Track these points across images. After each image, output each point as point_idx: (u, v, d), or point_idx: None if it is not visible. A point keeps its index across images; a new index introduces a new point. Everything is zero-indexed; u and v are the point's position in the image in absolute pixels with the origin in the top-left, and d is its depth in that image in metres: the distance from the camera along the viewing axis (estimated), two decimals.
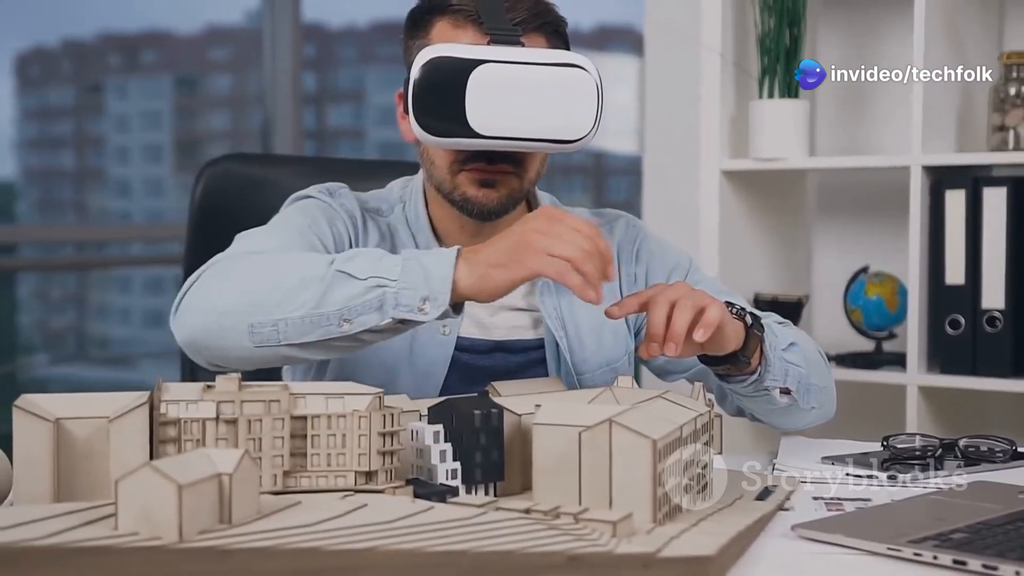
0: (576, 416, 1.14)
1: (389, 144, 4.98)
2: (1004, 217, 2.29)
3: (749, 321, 1.44)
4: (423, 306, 1.28)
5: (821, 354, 1.63)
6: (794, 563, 1.09)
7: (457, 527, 1.02)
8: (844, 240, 2.75)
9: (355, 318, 1.29)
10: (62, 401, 1.10)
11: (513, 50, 1.41)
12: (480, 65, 1.38)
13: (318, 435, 1.13)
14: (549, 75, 1.40)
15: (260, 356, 1.34)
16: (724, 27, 2.54)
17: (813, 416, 1.59)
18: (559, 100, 1.41)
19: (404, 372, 1.56)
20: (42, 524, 0.97)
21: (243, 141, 4.75)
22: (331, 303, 1.30)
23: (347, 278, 1.30)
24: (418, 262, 1.30)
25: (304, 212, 1.58)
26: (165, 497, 0.95)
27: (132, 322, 5.04)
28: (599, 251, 1.29)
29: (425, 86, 1.39)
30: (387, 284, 1.29)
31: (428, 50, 1.40)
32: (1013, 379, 2.30)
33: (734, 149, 2.58)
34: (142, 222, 4.92)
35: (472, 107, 1.39)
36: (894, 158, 2.43)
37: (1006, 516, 1.17)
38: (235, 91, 4.82)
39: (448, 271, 1.28)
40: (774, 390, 1.49)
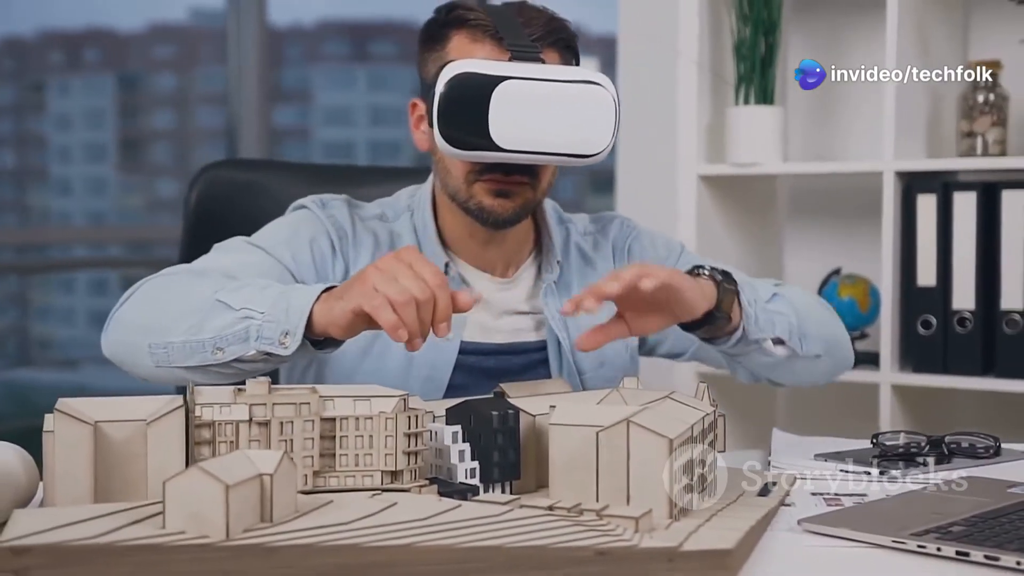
0: (591, 416, 1.19)
1: (335, 144, 4.99)
2: (974, 221, 2.36)
3: (719, 278, 1.47)
4: (284, 339, 1.32)
5: (822, 305, 1.65)
6: (803, 556, 1.14)
7: (487, 524, 1.06)
8: (816, 243, 2.82)
9: (226, 347, 1.35)
10: (98, 404, 1.13)
11: (534, 67, 1.46)
12: (504, 81, 1.43)
13: (346, 436, 1.17)
14: (569, 91, 1.45)
15: (161, 375, 1.41)
16: (701, 35, 2.60)
17: (825, 365, 1.61)
18: (578, 115, 1.45)
19: (409, 375, 1.60)
20: (91, 524, 1.00)
21: (190, 140, 4.74)
22: (207, 331, 1.36)
23: (224, 308, 1.36)
24: (287, 297, 1.34)
25: (288, 227, 1.63)
26: (213, 497, 0.98)
27: (76, 324, 5.02)
28: (432, 301, 1.27)
29: (450, 101, 1.43)
30: (254, 316, 1.34)
31: (453, 66, 1.44)
32: (982, 377, 2.37)
33: (711, 154, 2.64)
34: (84, 222, 4.89)
35: (495, 122, 1.43)
36: (868, 163, 2.50)
37: (999, 509, 1.23)
38: (180, 90, 4.81)
39: (306, 305, 1.32)
40: (765, 342, 1.51)
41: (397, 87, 5.14)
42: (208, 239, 1.95)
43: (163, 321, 1.39)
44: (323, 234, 1.61)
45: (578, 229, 1.72)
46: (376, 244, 1.63)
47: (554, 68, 1.48)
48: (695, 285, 1.43)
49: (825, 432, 1.69)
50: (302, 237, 1.60)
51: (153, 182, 4.89)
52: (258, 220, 1.95)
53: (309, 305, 1.31)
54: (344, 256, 1.61)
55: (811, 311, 1.60)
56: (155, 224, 4.64)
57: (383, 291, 1.25)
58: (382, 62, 5.10)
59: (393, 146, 5.14)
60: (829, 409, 2.64)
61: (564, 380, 1.51)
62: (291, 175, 2.05)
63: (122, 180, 4.87)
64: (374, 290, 1.26)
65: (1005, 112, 2.44)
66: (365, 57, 5.04)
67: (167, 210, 4.70)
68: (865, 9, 2.69)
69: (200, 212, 1.97)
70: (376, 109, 5.06)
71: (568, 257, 1.68)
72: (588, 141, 1.47)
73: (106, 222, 4.88)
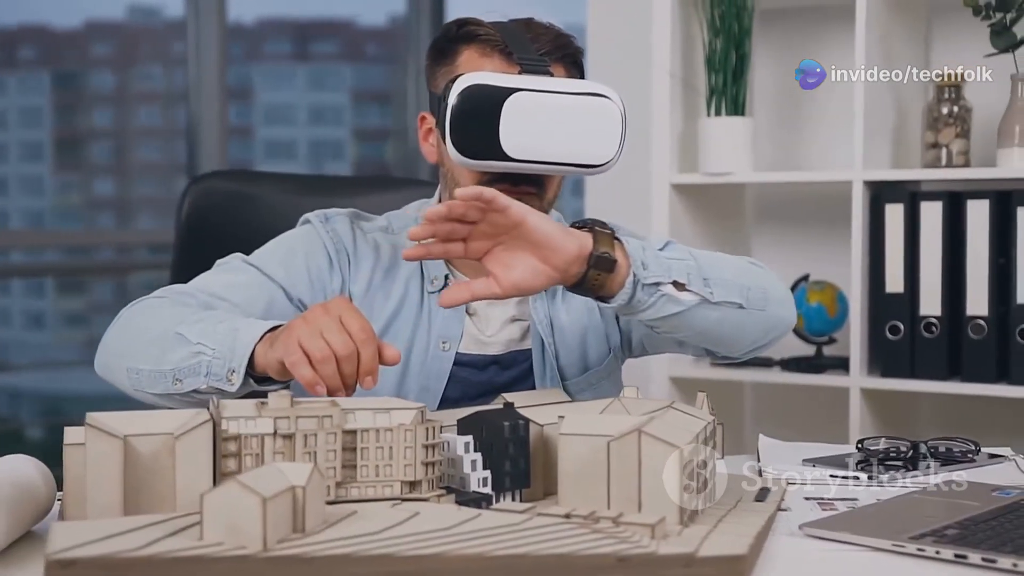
0: (601, 426, 1.23)
1: (276, 143, 4.99)
2: (940, 229, 2.44)
3: (594, 226, 1.43)
4: (231, 376, 1.37)
5: (751, 263, 1.59)
6: (807, 560, 1.19)
7: (510, 532, 1.10)
8: (784, 250, 2.88)
9: (184, 379, 1.40)
10: (125, 418, 1.15)
11: (544, 79, 1.50)
12: (515, 93, 1.47)
13: (367, 448, 1.21)
14: (578, 103, 1.49)
15: (140, 397, 1.47)
16: (673, 46, 2.66)
17: (754, 318, 1.53)
18: (586, 127, 1.50)
19: (404, 386, 1.64)
20: (131, 536, 1.03)
21: (129, 139, 4.71)
22: (168, 362, 1.41)
23: (182, 341, 1.41)
24: (235, 334, 1.38)
25: (286, 243, 1.67)
26: (250, 509, 1.02)
27: (12, 326, 4.98)
28: (355, 356, 1.29)
29: (462, 112, 1.47)
30: (204, 352, 1.38)
31: (465, 77, 1.48)
32: (948, 381, 2.45)
33: (683, 164, 2.70)
34: (20, 222, 4.84)
35: (505, 132, 1.47)
36: (837, 173, 2.56)
37: (988, 513, 1.29)
38: (119, 88, 4.77)
39: (248, 344, 1.36)
40: (665, 286, 1.44)
41: (338, 86, 5.14)
42: (200, 249, 1.98)
43: (135, 347, 1.45)
44: (320, 249, 1.64)
45: None
46: (377, 257, 1.66)
47: (564, 81, 1.52)
48: (559, 227, 1.40)
49: (796, 435, 1.75)
50: (298, 254, 1.63)
51: (90, 181, 4.85)
52: (250, 230, 1.99)
53: (251, 345, 1.36)
54: (342, 270, 1.64)
55: (724, 262, 1.54)
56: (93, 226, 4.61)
57: (305, 346, 1.28)
58: (323, 61, 5.10)
59: (335, 146, 5.14)
60: (799, 413, 2.70)
61: (560, 391, 1.56)
62: (283, 185, 2.08)
63: (59, 179, 4.83)
64: (297, 344, 1.28)
65: (968, 123, 2.52)
66: (306, 56, 5.03)
67: (105, 210, 4.68)
68: (830, 21, 2.77)
69: (192, 222, 2.00)
70: (316, 108, 5.06)
71: None
72: (596, 152, 1.51)
73: (43, 222, 4.83)
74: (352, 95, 5.13)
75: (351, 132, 5.14)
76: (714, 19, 2.60)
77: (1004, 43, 2.40)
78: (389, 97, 5.06)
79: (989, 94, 2.52)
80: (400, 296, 1.65)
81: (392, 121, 5.07)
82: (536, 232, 1.39)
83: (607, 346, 1.72)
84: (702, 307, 1.48)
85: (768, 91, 2.85)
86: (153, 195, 4.49)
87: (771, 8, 2.70)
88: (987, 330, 2.40)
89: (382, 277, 1.66)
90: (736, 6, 2.58)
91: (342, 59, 5.11)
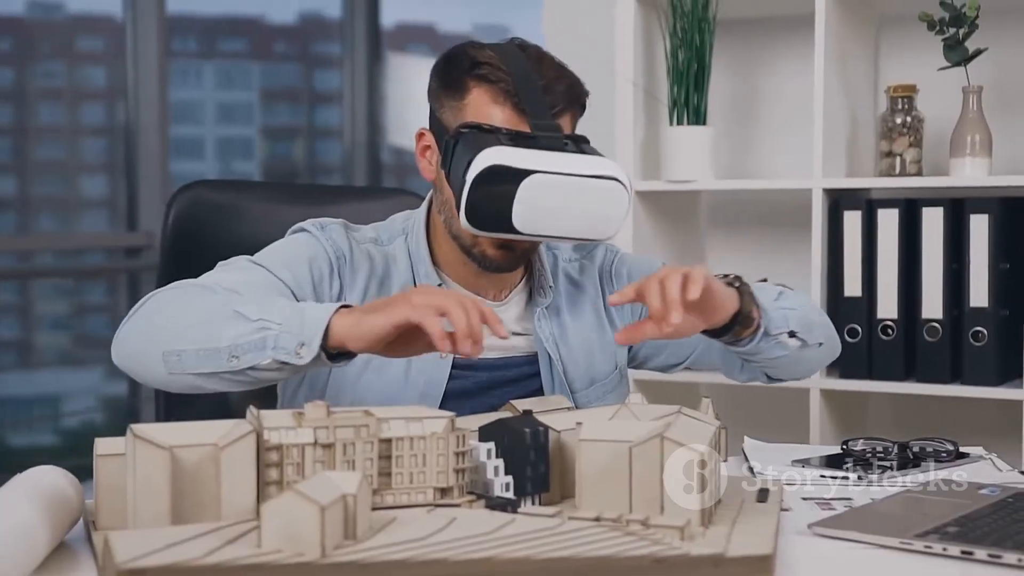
0: (619, 432, 1.28)
1: (184, 141, 4.95)
2: (896, 236, 2.53)
3: (737, 284, 1.59)
4: (300, 350, 1.40)
5: (808, 297, 1.79)
6: (821, 557, 1.25)
7: (549, 536, 1.15)
8: (739, 255, 2.96)
9: (242, 355, 1.42)
10: (168, 429, 1.19)
11: (558, 157, 1.53)
12: (531, 175, 1.51)
13: (401, 456, 1.25)
14: (589, 185, 1.54)
15: (173, 382, 1.48)
16: (636, 56, 2.72)
17: (824, 353, 1.74)
18: (595, 207, 1.55)
19: (405, 390, 1.68)
20: (191, 544, 1.06)
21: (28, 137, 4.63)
22: (223, 339, 1.43)
23: (240, 318, 1.44)
24: (301, 310, 1.43)
25: (289, 247, 1.70)
26: (308, 517, 1.06)
27: None
28: (476, 308, 1.37)
29: (479, 190, 1.51)
30: (270, 327, 1.41)
31: (484, 156, 1.51)
32: (905, 382, 2.54)
33: (646, 171, 2.76)
34: None
35: (519, 211, 1.52)
36: (797, 181, 2.64)
37: (981, 510, 1.37)
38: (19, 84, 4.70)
39: (323, 318, 1.40)
40: (781, 335, 1.62)
41: (246, 84, 5.12)
42: (185, 258, 2.00)
43: (177, 329, 1.46)
44: (322, 255, 1.67)
45: (563, 256, 1.81)
46: (372, 267, 1.70)
47: (577, 160, 1.55)
48: (723, 286, 1.55)
49: (759, 436, 1.82)
50: (301, 258, 1.66)
51: None
52: (233, 238, 2.01)
53: (326, 319, 1.39)
54: (341, 278, 1.68)
55: (808, 303, 1.73)
56: None
57: (429, 303, 1.35)
58: (231, 59, 5.07)
59: (243, 144, 5.12)
60: (761, 413, 2.78)
61: (564, 397, 1.61)
62: (267, 195, 2.10)
63: None
64: (415, 304, 1.35)
65: (921, 133, 2.61)
66: (214, 54, 5.01)
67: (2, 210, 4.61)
68: (787, 32, 2.85)
69: (177, 232, 2.01)
70: (224, 107, 5.04)
71: (557, 282, 1.77)
72: (600, 228, 1.58)
73: None
74: (261, 93, 5.11)
75: (260, 131, 5.12)
76: (676, 30, 2.67)
77: (957, 57, 2.49)
78: (298, 95, 5.06)
79: (940, 105, 2.62)
80: None
81: (302, 119, 5.08)
82: (715, 298, 1.51)
83: (614, 362, 1.78)
84: (801, 349, 1.67)
85: (725, 99, 2.92)
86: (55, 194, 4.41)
87: (728, 18, 2.77)
88: (941, 333, 2.49)
89: (377, 287, 1.69)
90: (697, 18, 2.65)
91: (250, 57, 5.09)
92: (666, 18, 2.69)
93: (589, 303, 1.79)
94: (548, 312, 1.74)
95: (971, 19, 2.44)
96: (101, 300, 4.56)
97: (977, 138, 2.50)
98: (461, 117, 1.61)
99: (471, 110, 1.61)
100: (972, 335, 2.47)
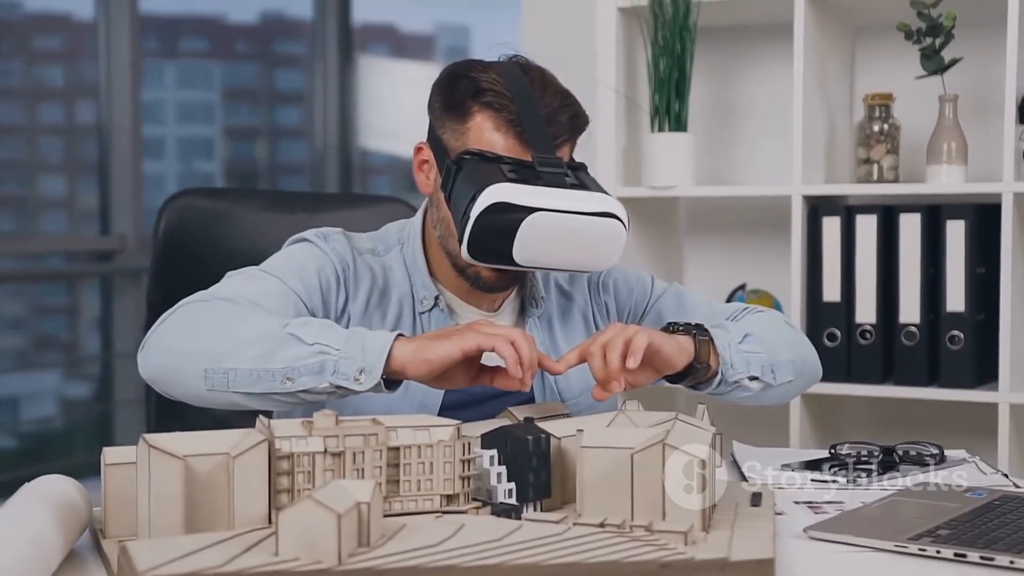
0: (621, 439, 1.31)
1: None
2: (874, 241, 2.57)
3: (694, 332, 1.62)
4: (359, 376, 1.44)
5: (789, 327, 1.80)
6: (818, 561, 1.28)
7: (557, 542, 1.18)
8: (718, 261, 3.00)
9: (297, 378, 1.45)
10: (180, 439, 1.20)
11: (560, 194, 1.56)
12: (534, 212, 1.54)
13: (409, 463, 1.27)
14: (589, 221, 1.57)
15: (211, 399, 1.50)
16: (617, 63, 2.76)
17: (796, 387, 1.76)
18: (593, 242, 1.58)
19: (403, 401, 1.69)
20: (211, 552, 1.08)
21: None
22: (278, 361, 1.45)
23: (296, 341, 1.46)
24: (361, 337, 1.46)
25: (296, 257, 1.70)
26: (326, 525, 1.08)
27: None
28: (532, 342, 1.48)
29: (482, 226, 1.54)
30: (330, 352, 1.45)
31: (490, 193, 1.53)
32: (883, 385, 2.59)
33: (627, 178, 2.79)
34: None
35: (519, 245, 1.55)
36: (777, 187, 2.69)
37: (969, 513, 1.40)
38: None
39: (385, 345, 1.45)
40: (742, 380, 1.65)
41: (207, 84, 5.11)
42: (177, 267, 2.02)
43: (223, 348, 1.47)
44: (329, 266, 1.68)
45: None
46: (373, 278, 1.72)
47: (577, 197, 1.57)
48: (672, 341, 1.58)
49: (741, 439, 1.85)
50: (310, 268, 1.67)
51: None
52: (223, 246, 2.03)
53: (387, 347, 1.44)
54: (346, 288, 1.69)
55: (779, 339, 1.73)
56: None
57: (499, 333, 1.45)
58: (192, 58, 5.06)
59: (205, 144, 5.11)
60: (742, 417, 2.80)
61: (561, 404, 1.64)
62: (257, 203, 2.12)
63: None
64: (483, 334, 1.45)
65: (897, 141, 2.66)
66: (175, 53, 5.00)
67: None
68: (766, 39, 2.89)
69: (168, 240, 2.03)
70: (185, 106, 5.02)
71: (548, 293, 1.80)
72: (597, 262, 1.62)
73: None
74: (222, 93, 5.10)
75: (221, 131, 5.11)
76: (657, 39, 2.70)
77: (933, 66, 2.54)
78: (258, 96, 5.05)
79: (917, 113, 2.67)
80: (395, 316, 1.71)
81: (263, 119, 5.07)
82: (663, 356, 1.56)
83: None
84: (765, 390, 1.70)
85: (705, 107, 2.96)
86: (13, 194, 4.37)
87: (707, 26, 2.81)
88: (919, 337, 2.54)
89: (378, 298, 1.71)
90: (679, 26, 2.68)
91: (211, 56, 5.07)
92: (647, 26, 2.72)
93: (579, 313, 1.82)
94: (540, 322, 1.76)
95: (948, 29, 2.49)
96: (60, 302, 4.53)
97: (953, 146, 2.55)
98: (464, 142, 1.63)
99: (473, 135, 1.62)
100: (949, 339, 2.52)
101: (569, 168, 1.63)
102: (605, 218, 1.58)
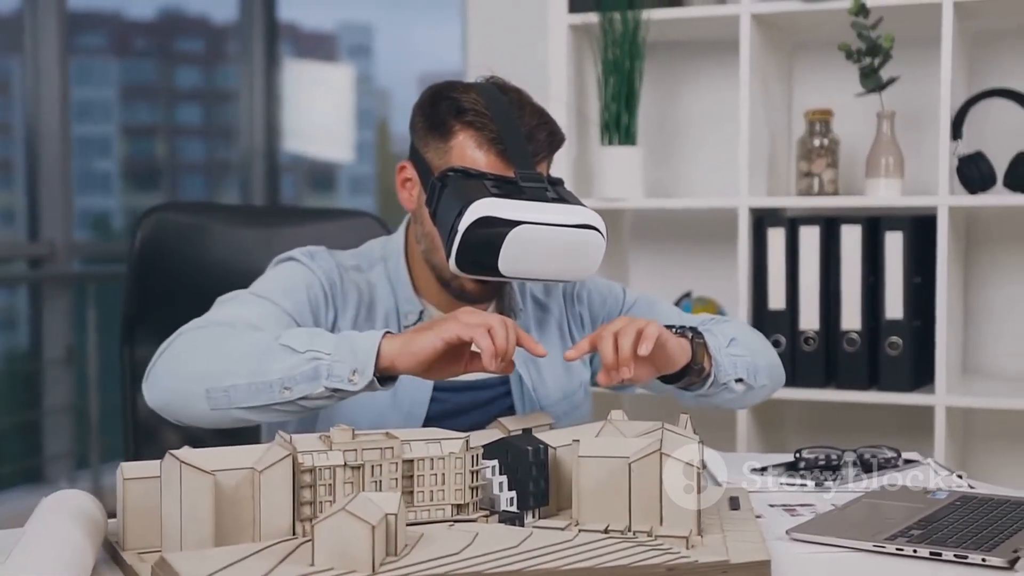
0: (617, 448, 1.39)
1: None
2: (817, 251, 2.68)
3: (690, 335, 1.70)
4: (353, 377, 1.50)
5: (758, 336, 1.89)
6: (803, 561, 1.37)
7: (566, 548, 1.25)
8: (663, 270, 3.09)
9: (294, 386, 1.51)
10: (206, 455, 1.25)
11: (542, 208, 1.62)
12: (518, 226, 1.60)
13: (422, 475, 1.34)
14: (571, 234, 1.64)
15: (216, 418, 1.56)
16: (568, 80, 2.84)
17: (769, 389, 1.86)
18: (574, 253, 1.65)
19: (391, 412, 1.76)
20: (249, 564, 1.14)
21: None
22: (274, 372, 1.52)
23: (289, 351, 1.52)
24: (350, 339, 1.53)
25: (284, 277, 1.76)
26: (360, 535, 1.14)
27: None
28: (514, 329, 1.52)
29: (469, 239, 1.60)
30: (322, 357, 1.51)
31: (477, 207, 1.59)
32: (825, 389, 2.70)
33: (578, 189, 2.87)
34: None
35: (504, 257, 1.61)
36: (724, 199, 2.79)
37: (935, 513, 1.50)
38: None
39: (373, 344, 1.51)
40: (730, 382, 1.74)
41: (104, 81, 5.08)
42: (153, 281, 2.06)
43: (222, 366, 1.52)
44: (316, 284, 1.74)
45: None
46: (359, 294, 1.77)
47: (559, 210, 1.64)
48: (676, 340, 1.65)
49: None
50: (299, 287, 1.73)
51: None
52: (200, 260, 2.07)
53: (376, 345, 1.49)
54: (335, 304, 1.75)
55: (755, 345, 1.83)
56: None
57: (477, 322, 1.49)
58: (89, 55, 5.03)
59: (102, 142, 5.08)
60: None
61: (547, 414, 1.71)
62: (232, 217, 2.16)
63: None
64: (464, 323, 1.49)
65: (837, 155, 2.77)
66: (72, 49, 4.97)
67: None
68: (713, 57, 2.99)
69: (144, 255, 2.06)
70: (83, 103, 4.99)
71: (525, 304, 1.87)
72: (577, 271, 1.69)
73: None
74: (120, 90, 5.08)
75: (119, 128, 5.09)
76: (607, 55, 2.78)
77: (872, 84, 2.65)
78: (158, 93, 5.04)
79: (855, 128, 2.79)
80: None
81: (161, 118, 5.05)
82: (667, 351, 1.62)
83: (579, 379, 1.89)
84: (747, 393, 1.79)
85: (653, 121, 3.05)
86: None
87: (656, 42, 2.90)
88: (859, 343, 2.66)
89: (366, 314, 1.77)
90: (628, 42, 2.77)
91: (109, 53, 5.05)
92: (598, 43, 2.81)
93: (555, 323, 1.89)
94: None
95: (887, 49, 2.60)
96: None
97: (891, 160, 2.67)
98: (447, 160, 1.69)
99: (456, 153, 1.69)
100: (888, 344, 2.64)
101: (548, 183, 1.70)
102: (585, 230, 1.65)
